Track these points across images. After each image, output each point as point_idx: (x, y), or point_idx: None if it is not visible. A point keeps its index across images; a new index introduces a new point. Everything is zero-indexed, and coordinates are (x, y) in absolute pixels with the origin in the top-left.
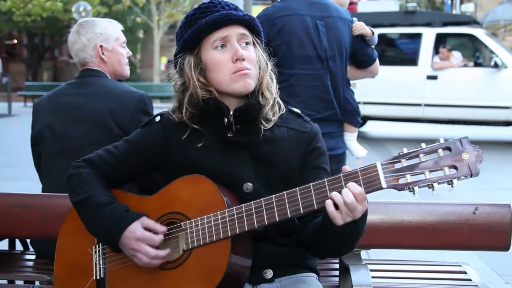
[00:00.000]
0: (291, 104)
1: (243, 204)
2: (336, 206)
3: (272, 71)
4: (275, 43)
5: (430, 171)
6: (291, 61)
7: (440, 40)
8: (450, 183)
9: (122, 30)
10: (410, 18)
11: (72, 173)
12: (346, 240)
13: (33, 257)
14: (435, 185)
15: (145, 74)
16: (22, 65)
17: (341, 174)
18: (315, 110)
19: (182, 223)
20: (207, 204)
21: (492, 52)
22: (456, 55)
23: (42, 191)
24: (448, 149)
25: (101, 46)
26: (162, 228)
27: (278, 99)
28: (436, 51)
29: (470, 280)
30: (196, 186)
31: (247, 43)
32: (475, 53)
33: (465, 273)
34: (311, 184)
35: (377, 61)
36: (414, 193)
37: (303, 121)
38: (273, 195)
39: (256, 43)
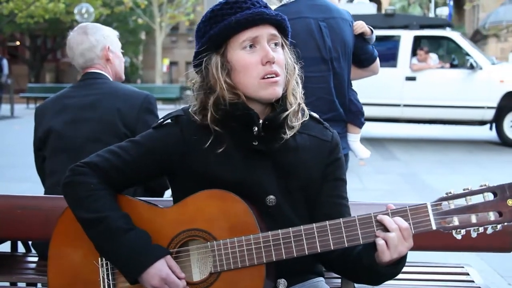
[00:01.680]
0: None
1: (279, 230)
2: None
3: (299, 74)
4: None
5: (476, 216)
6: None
7: (418, 42)
8: (494, 228)
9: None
10: (389, 21)
11: (74, 181)
12: (383, 277)
13: (35, 259)
14: (480, 229)
15: (147, 76)
16: (24, 67)
17: (389, 211)
18: (321, 111)
19: (209, 243)
20: (237, 225)
21: (467, 54)
22: (433, 57)
23: (45, 192)
24: (494, 193)
25: (108, 47)
26: (182, 275)
27: (303, 104)
28: (413, 53)
29: (473, 281)
30: (222, 202)
31: (276, 44)
32: (451, 55)
33: (468, 274)
34: (356, 217)
35: (378, 59)
36: (459, 235)
37: (323, 127)
38: (314, 225)
39: (285, 44)
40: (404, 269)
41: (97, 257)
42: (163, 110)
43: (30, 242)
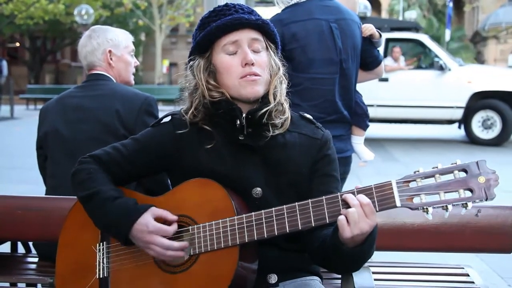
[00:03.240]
0: (304, 108)
1: (253, 213)
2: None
3: (284, 75)
4: (289, 47)
5: (445, 192)
6: (306, 65)
7: (389, 44)
8: (465, 205)
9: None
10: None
11: (78, 169)
12: (352, 261)
13: (35, 259)
14: (449, 206)
15: (147, 77)
16: (24, 68)
17: (355, 190)
18: (326, 112)
19: (190, 227)
20: (216, 210)
21: (436, 56)
22: (401, 59)
23: (46, 193)
24: (464, 171)
25: (110, 51)
26: (172, 217)
27: (285, 104)
28: (384, 55)
29: (473, 282)
30: (205, 190)
31: (259, 48)
32: (421, 57)
33: (468, 275)
34: (323, 197)
35: (382, 62)
36: (427, 213)
37: (315, 127)
38: (284, 206)
39: (269, 47)
40: (404, 270)
41: (97, 243)
42: (163, 111)
43: (30, 243)
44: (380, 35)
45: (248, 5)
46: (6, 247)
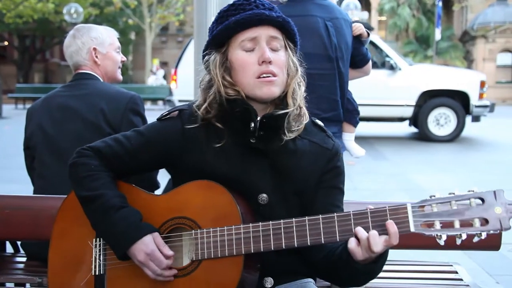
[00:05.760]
0: None
1: (260, 223)
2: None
3: (302, 77)
4: None
5: (460, 221)
6: (303, 60)
7: None
8: (479, 235)
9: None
10: None
11: (77, 162)
12: (364, 276)
13: (23, 259)
14: (463, 235)
15: (136, 76)
16: (13, 67)
17: (368, 210)
18: (320, 109)
19: (193, 231)
20: (221, 215)
21: (387, 55)
22: None
23: (34, 193)
24: (481, 199)
25: (94, 49)
26: (169, 253)
27: (304, 108)
28: None
29: (461, 280)
30: (210, 193)
31: (278, 46)
32: (373, 57)
33: (456, 272)
34: (335, 214)
35: (370, 61)
36: (440, 239)
37: (325, 135)
38: (294, 219)
39: (288, 47)
40: (392, 267)
41: (93, 239)
42: (152, 110)
43: (18, 242)
44: (368, 34)
45: None
46: None
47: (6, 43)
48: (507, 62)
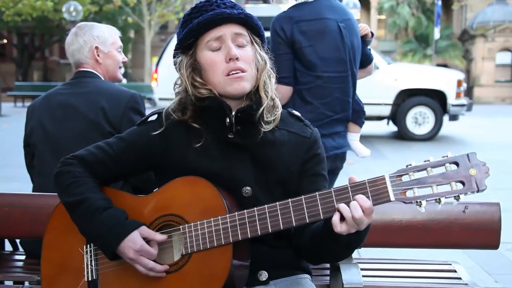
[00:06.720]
0: (315, 105)
1: (245, 210)
2: (342, 217)
3: (271, 69)
4: (299, 45)
5: (437, 185)
6: (317, 63)
7: None
8: (457, 198)
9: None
10: None
11: (62, 171)
12: (347, 247)
13: (22, 257)
14: (442, 199)
15: (136, 74)
16: (12, 65)
17: (348, 185)
18: (334, 111)
19: (181, 226)
20: (207, 208)
21: None
22: None
23: (33, 190)
24: (456, 164)
25: (96, 47)
26: (160, 237)
27: (277, 100)
28: None
29: (460, 278)
30: (194, 188)
31: (243, 42)
32: None
33: (455, 271)
34: (317, 193)
35: (373, 61)
36: (420, 206)
37: (303, 125)
38: (277, 203)
39: (254, 41)
40: (392, 266)
41: (84, 246)
42: (152, 109)
43: (17, 240)
44: (372, 35)
45: (239, 3)
46: None
47: (5, 41)
48: (506, 61)
